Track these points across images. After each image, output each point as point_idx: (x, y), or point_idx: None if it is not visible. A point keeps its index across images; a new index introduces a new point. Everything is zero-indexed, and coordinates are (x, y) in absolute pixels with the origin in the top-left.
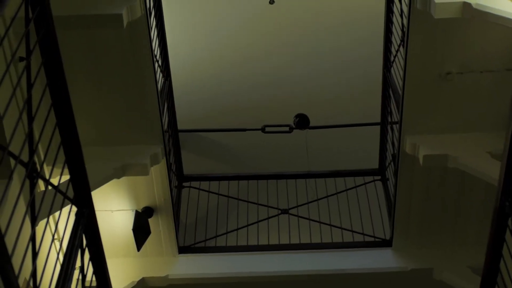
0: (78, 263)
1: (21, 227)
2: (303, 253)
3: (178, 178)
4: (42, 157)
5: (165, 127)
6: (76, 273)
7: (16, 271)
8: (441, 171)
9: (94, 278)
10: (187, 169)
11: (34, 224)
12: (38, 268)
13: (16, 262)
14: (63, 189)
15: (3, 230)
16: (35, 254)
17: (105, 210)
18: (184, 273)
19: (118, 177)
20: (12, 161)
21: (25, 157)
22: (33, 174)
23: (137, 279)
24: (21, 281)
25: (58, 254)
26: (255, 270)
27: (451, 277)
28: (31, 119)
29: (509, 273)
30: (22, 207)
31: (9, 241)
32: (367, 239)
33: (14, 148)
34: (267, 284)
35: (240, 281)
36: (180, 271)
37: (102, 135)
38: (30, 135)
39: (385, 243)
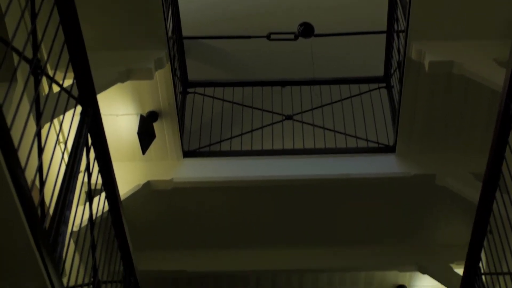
0: (83, 167)
1: (25, 126)
2: (306, 158)
3: (183, 84)
4: (46, 57)
5: (170, 33)
6: (81, 176)
7: (22, 165)
8: (446, 78)
9: (99, 181)
10: (192, 77)
11: (39, 120)
12: (44, 165)
13: (21, 158)
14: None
15: (8, 125)
16: (40, 150)
17: (110, 115)
18: (188, 177)
19: (123, 81)
20: (16, 60)
21: (28, 55)
22: (37, 71)
23: (142, 182)
24: (28, 179)
25: (63, 154)
26: (259, 174)
27: (454, 183)
28: (34, 16)
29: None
30: (26, 107)
31: (14, 138)
32: (371, 145)
33: (18, 46)
34: (270, 188)
35: (243, 185)
36: (184, 175)
37: (105, 40)
38: (33, 32)
39: (388, 149)
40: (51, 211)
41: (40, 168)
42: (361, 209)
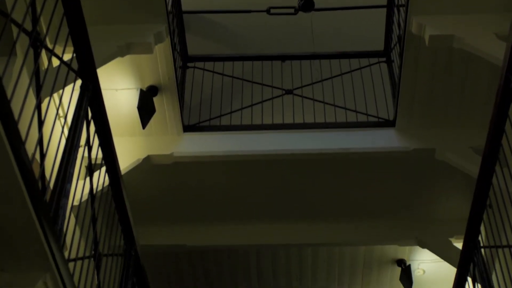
0: (83, 141)
1: (25, 99)
2: (306, 133)
3: (183, 59)
4: (45, 30)
5: (169, 7)
6: (81, 151)
7: (23, 138)
8: (447, 52)
9: (99, 156)
10: (192, 51)
11: (39, 93)
12: (44, 139)
13: (22, 131)
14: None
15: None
16: (40, 123)
17: (110, 89)
18: (189, 151)
19: (122, 55)
20: (15, 32)
21: (28, 28)
22: (36, 44)
23: (143, 157)
24: (29, 153)
25: (62, 128)
26: (259, 149)
27: (453, 158)
28: None
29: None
30: (25, 81)
31: (14, 111)
32: (371, 119)
33: (17, 18)
34: (270, 163)
35: (243, 159)
36: (185, 149)
37: (105, 14)
38: (32, 4)
39: (388, 123)
40: (51, 185)
41: (40, 141)
42: (361, 183)
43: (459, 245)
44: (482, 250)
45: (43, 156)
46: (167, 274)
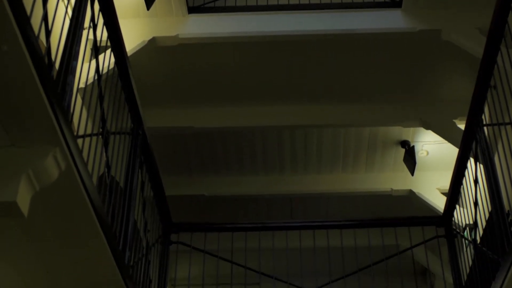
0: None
1: None
2: (313, 13)
3: None
4: None
5: None
6: (86, 34)
7: (28, 11)
8: None
9: (104, 38)
10: None
11: None
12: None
13: (27, 7)
14: None
15: None
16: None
17: None
18: (194, 33)
19: None
20: None
21: None
22: None
23: (148, 38)
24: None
25: (66, 8)
26: (264, 30)
27: (459, 38)
28: None
29: None
30: None
31: None
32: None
33: None
34: (276, 44)
35: (249, 40)
36: (190, 31)
37: None
38: None
39: (394, 4)
40: (57, 65)
41: (45, 17)
42: (366, 65)
43: (463, 126)
44: (485, 128)
45: (48, 32)
46: (175, 156)
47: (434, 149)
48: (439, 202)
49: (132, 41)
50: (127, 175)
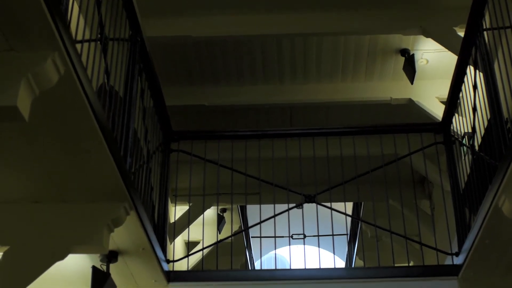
0: None
1: None
2: None
3: None
4: None
5: None
6: None
7: None
8: None
9: None
10: None
11: None
12: None
13: None
14: None
15: None
16: None
17: None
18: None
19: None
20: None
21: None
22: None
23: None
24: None
25: None
26: None
27: None
28: None
29: None
30: None
31: None
32: None
33: None
34: None
35: None
36: None
37: None
38: None
39: None
40: None
41: None
42: None
43: (463, 34)
44: (485, 33)
45: None
46: (175, 67)
47: (434, 58)
48: (438, 111)
49: None
50: (126, 82)
